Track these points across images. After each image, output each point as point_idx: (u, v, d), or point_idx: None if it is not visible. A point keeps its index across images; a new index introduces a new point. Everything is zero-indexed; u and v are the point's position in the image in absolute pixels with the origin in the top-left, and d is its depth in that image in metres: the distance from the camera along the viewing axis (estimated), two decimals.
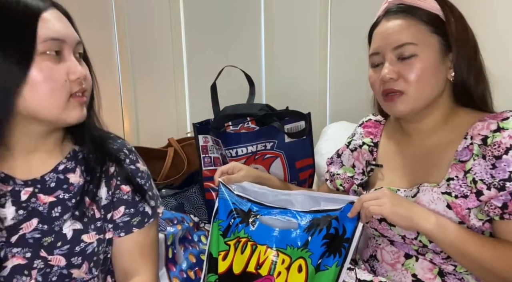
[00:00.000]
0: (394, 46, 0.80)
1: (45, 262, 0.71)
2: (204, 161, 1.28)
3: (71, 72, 0.69)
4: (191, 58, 1.76)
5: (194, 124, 1.29)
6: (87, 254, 0.74)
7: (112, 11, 1.67)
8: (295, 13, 1.76)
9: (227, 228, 0.86)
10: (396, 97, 0.80)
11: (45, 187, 0.74)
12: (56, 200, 0.74)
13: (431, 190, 0.79)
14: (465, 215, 0.76)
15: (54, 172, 0.75)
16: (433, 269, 0.81)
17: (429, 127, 0.85)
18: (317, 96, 1.84)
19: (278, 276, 0.76)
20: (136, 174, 0.82)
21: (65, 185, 0.75)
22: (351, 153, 1.03)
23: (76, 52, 0.72)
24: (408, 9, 0.81)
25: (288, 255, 0.77)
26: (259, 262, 0.79)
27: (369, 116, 1.05)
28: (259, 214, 0.85)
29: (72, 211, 0.74)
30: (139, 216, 0.80)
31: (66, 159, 0.77)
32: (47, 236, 0.72)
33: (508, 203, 0.73)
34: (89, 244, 0.75)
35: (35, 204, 0.72)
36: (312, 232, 0.77)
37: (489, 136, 0.75)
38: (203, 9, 1.72)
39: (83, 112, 0.72)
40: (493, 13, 1.27)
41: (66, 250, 0.72)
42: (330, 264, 0.72)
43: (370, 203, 0.73)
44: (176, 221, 1.06)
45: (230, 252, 0.83)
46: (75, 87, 0.70)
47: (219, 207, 0.89)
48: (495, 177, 0.73)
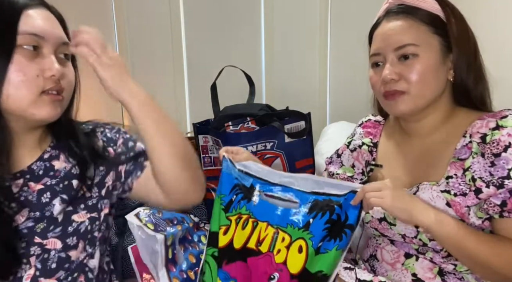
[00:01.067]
0: (395, 47, 0.80)
1: (42, 247, 0.72)
2: (204, 161, 1.28)
3: (47, 68, 0.70)
4: (191, 58, 1.76)
5: (194, 124, 1.29)
6: (81, 233, 0.76)
7: (112, 11, 1.67)
8: (295, 13, 1.76)
9: (229, 203, 0.86)
10: (397, 96, 0.80)
11: (34, 175, 0.76)
12: (44, 187, 0.76)
13: (430, 188, 0.80)
14: (464, 213, 0.76)
15: (40, 160, 0.77)
16: (433, 268, 0.81)
17: (428, 127, 0.85)
18: (317, 96, 1.85)
19: (278, 254, 0.76)
20: (118, 133, 0.87)
21: (51, 172, 0.77)
22: (350, 153, 1.03)
23: (60, 52, 0.74)
24: (409, 10, 0.81)
25: (288, 234, 0.78)
26: (259, 239, 0.80)
27: (368, 117, 1.05)
28: (261, 190, 0.86)
29: (60, 196, 0.76)
30: (142, 156, 0.85)
31: (50, 148, 0.79)
32: (40, 222, 0.73)
33: (507, 201, 0.73)
34: (81, 223, 0.76)
35: (27, 192, 0.74)
36: (314, 215, 0.77)
37: (488, 134, 0.75)
38: (203, 9, 1.72)
39: (55, 110, 0.73)
40: (493, 14, 1.27)
41: (59, 232, 0.74)
42: (331, 247, 0.73)
43: (371, 194, 0.73)
44: (176, 221, 1.06)
45: (231, 227, 0.83)
46: (49, 84, 0.71)
47: (222, 181, 0.90)
48: (493, 174, 0.74)
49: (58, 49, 0.74)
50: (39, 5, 0.73)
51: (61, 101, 0.74)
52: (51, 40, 0.72)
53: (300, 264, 0.74)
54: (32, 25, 0.70)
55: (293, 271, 0.74)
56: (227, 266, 0.80)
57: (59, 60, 0.73)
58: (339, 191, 0.78)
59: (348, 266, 0.78)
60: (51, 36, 0.72)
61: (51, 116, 0.73)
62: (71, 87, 0.77)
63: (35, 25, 0.70)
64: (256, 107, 1.28)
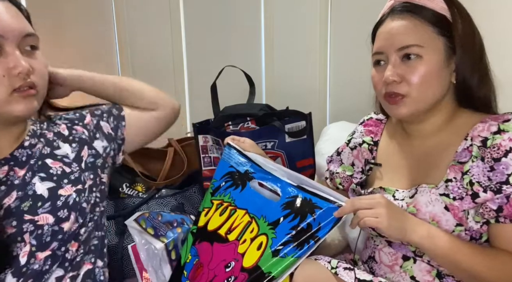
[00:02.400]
0: (399, 47, 0.78)
1: (34, 223, 0.74)
2: (204, 161, 1.28)
3: (12, 67, 0.69)
4: (191, 58, 1.76)
5: (194, 124, 1.29)
6: (70, 205, 0.78)
7: (112, 11, 1.67)
8: (295, 13, 1.76)
9: (217, 188, 0.91)
10: (398, 100, 0.79)
11: (18, 161, 0.78)
12: (26, 170, 0.78)
13: (429, 191, 0.79)
14: (462, 217, 0.76)
15: (21, 148, 0.79)
16: (431, 271, 0.81)
17: (430, 129, 0.84)
18: (317, 96, 1.84)
19: (243, 243, 0.79)
20: (79, 113, 0.92)
21: (33, 158, 0.80)
22: (350, 151, 1.02)
23: (24, 45, 0.72)
24: (415, 9, 0.78)
25: (258, 226, 0.79)
26: (231, 227, 0.83)
27: (370, 115, 1.04)
28: (254, 177, 0.88)
29: (38, 175, 0.78)
30: (115, 109, 0.95)
31: (28, 137, 0.81)
32: (25, 201, 0.75)
33: (503, 206, 0.72)
34: (69, 196, 0.79)
35: (13, 177, 0.76)
36: (287, 213, 0.78)
37: (489, 138, 0.74)
38: (203, 9, 1.72)
39: (31, 105, 0.73)
40: (498, 14, 1.27)
41: (49, 207, 0.76)
42: (290, 254, 0.74)
43: (365, 213, 0.72)
44: (176, 224, 1.07)
45: (211, 210, 0.88)
46: (18, 82, 0.70)
47: (218, 167, 0.95)
48: (492, 179, 0.73)
49: (22, 42, 0.71)
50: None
51: (35, 95, 0.74)
52: (12, 36, 0.69)
53: (254, 259, 0.76)
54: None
55: (246, 264, 0.76)
56: (198, 244, 0.85)
57: (24, 53, 0.72)
58: (325, 195, 0.79)
59: (348, 267, 0.78)
60: (11, 32, 0.69)
61: (28, 111, 0.73)
62: (43, 79, 0.77)
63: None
64: (256, 107, 1.28)
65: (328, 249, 1.25)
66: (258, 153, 0.95)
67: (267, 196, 0.85)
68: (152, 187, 1.41)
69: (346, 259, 1.01)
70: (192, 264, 0.84)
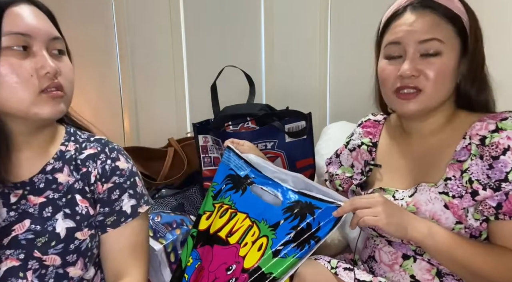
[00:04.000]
0: (421, 39, 0.76)
1: (40, 262, 0.70)
2: (204, 161, 1.28)
3: (40, 67, 0.69)
4: (191, 58, 1.76)
5: (194, 124, 1.29)
6: (82, 250, 0.74)
7: (112, 11, 1.67)
8: (295, 13, 1.76)
9: (219, 191, 0.90)
10: (412, 96, 0.78)
11: (35, 188, 0.74)
12: (46, 200, 0.74)
13: (428, 189, 0.79)
14: (461, 215, 0.76)
15: (42, 173, 0.76)
16: (431, 270, 0.81)
17: (431, 128, 0.85)
18: (317, 96, 1.84)
19: (244, 247, 0.78)
20: (114, 172, 0.80)
21: (54, 185, 0.76)
22: (349, 153, 1.03)
23: (52, 48, 0.72)
24: (435, 6, 0.77)
25: (259, 229, 0.79)
26: (232, 230, 0.82)
27: (368, 116, 1.04)
28: (254, 182, 0.88)
29: (63, 210, 0.74)
30: (114, 215, 0.79)
31: (53, 160, 0.77)
32: (41, 237, 0.71)
33: (503, 203, 0.72)
34: (83, 241, 0.75)
35: (25, 205, 0.72)
36: (287, 216, 0.78)
37: (487, 136, 0.75)
38: (203, 9, 1.72)
39: (58, 107, 0.72)
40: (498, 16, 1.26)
41: (60, 249, 0.72)
42: (290, 254, 0.73)
43: (364, 212, 0.72)
44: (175, 225, 1.07)
45: (213, 213, 0.87)
46: (45, 82, 0.69)
47: (218, 170, 0.94)
48: (491, 177, 0.73)
49: (49, 45, 0.72)
50: (23, 2, 0.70)
51: (62, 98, 0.73)
52: (40, 37, 0.70)
53: (255, 260, 0.75)
54: (17, 24, 0.68)
55: (246, 265, 0.75)
56: (200, 248, 0.84)
57: (52, 56, 0.72)
58: (325, 197, 0.79)
59: (347, 267, 0.78)
60: (39, 33, 0.70)
61: (54, 113, 0.71)
62: (70, 83, 0.75)
63: (20, 24, 0.68)
64: (256, 107, 1.28)
65: (328, 249, 1.25)
66: (258, 156, 0.94)
67: (268, 200, 0.84)
68: (152, 187, 1.41)
69: (346, 259, 1.01)
70: (193, 268, 0.84)
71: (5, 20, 0.67)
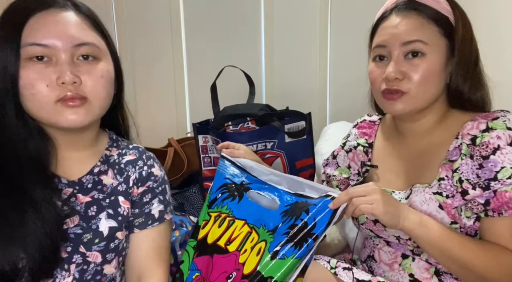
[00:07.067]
0: (404, 41, 0.77)
1: (84, 257, 0.73)
2: (204, 161, 1.28)
3: (57, 78, 0.68)
4: (191, 58, 1.76)
5: (194, 124, 1.29)
6: (119, 250, 0.78)
7: (112, 11, 1.67)
8: (295, 14, 1.76)
9: (214, 200, 0.89)
10: (397, 97, 0.79)
11: (83, 188, 0.77)
12: (92, 200, 0.77)
13: (423, 190, 0.79)
14: (454, 214, 0.77)
15: (90, 174, 0.79)
16: (430, 269, 0.81)
17: (424, 128, 0.85)
18: (317, 96, 1.85)
19: (243, 253, 0.77)
20: (149, 177, 0.84)
21: (99, 186, 0.79)
22: (346, 154, 1.03)
23: (78, 54, 0.70)
24: (421, 7, 0.78)
25: (258, 234, 0.78)
26: (230, 238, 0.81)
27: (363, 117, 1.05)
28: (250, 187, 0.87)
29: (107, 210, 0.77)
30: (143, 217, 0.82)
31: (100, 162, 0.81)
32: (87, 233, 0.74)
33: (490, 200, 0.73)
34: (121, 241, 0.78)
35: (74, 203, 0.75)
36: (286, 219, 0.77)
37: (478, 136, 0.75)
38: (203, 9, 1.72)
39: (77, 116, 0.70)
40: (493, 16, 1.27)
41: (102, 247, 0.75)
42: (289, 254, 0.72)
43: (360, 200, 0.71)
44: (174, 227, 1.07)
45: (209, 222, 0.86)
46: (63, 92, 0.68)
47: (215, 180, 0.93)
48: (481, 176, 0.73)
49: (74, 51, 0.70)
50: (53, 6, 0.69)
51: (83, 106, 0.71)
52: (61, 46, 0.68)
53: (253, 265, 0.74)
54: (34, 35, 0.67)
55: (246, 271, 0.74)
56: (197, 258, 0.83)
57: (76, 63, 0.70)
58: (318, 193, 0.78)
59: (347, 266, 0.78)
60: (59, 42, 0.68)
61: (73, 122, 0.70)
62: (97, 90, 0.72)
63: (36, 35, 0.67)
64: (256, 107, 1.28)
65: (328, 249, 1.25)
66: (254, 159, 0.94)
67: (265, 205, 0.83)
68: None
69: (345, 259, 1.01)
70: (191, 279, 0.82)
71: (25, 31, 0.67)
